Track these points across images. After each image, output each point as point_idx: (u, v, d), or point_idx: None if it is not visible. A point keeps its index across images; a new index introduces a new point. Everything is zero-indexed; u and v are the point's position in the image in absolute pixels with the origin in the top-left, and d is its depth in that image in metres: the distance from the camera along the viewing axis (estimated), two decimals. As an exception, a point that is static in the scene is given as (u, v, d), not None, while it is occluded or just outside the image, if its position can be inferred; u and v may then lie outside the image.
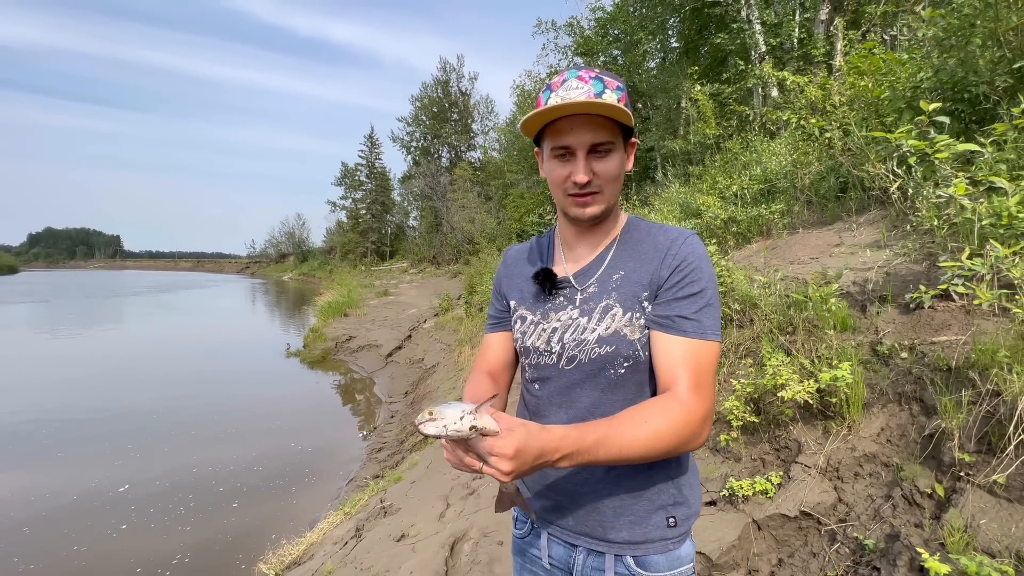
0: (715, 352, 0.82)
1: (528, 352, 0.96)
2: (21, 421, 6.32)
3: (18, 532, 3.77)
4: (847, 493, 1.82)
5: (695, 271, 0.84)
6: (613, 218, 0.94)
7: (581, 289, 0.91)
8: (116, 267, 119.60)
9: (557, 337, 0.91)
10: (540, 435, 0.66)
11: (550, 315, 0.92)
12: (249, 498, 4.37)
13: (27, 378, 8.68)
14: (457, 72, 34.66)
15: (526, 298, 0.98)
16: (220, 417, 6.56)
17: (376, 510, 3.37)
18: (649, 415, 0.75)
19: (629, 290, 0.86)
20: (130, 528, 3.80)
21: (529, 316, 0.96)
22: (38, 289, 32.31)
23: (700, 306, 0.83)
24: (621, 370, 0.86)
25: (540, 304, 0.95)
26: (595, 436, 0.70)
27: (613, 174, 0.85)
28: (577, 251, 0.95)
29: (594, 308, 0.88)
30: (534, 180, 19.79)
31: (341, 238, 39.25)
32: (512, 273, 1.05)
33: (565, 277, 0.94)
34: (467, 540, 2.49)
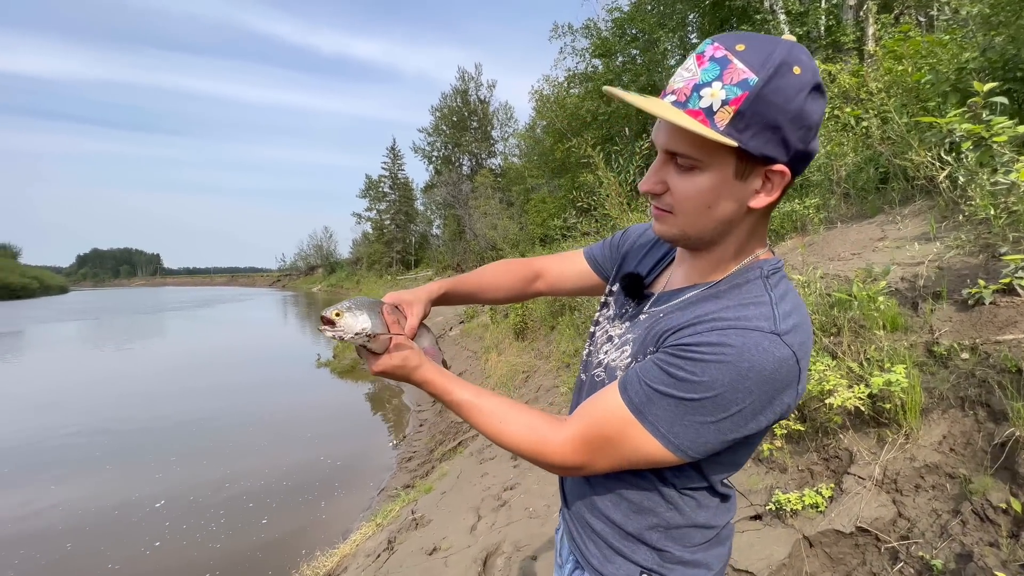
0: (643, 445, 0.61)
1: (591, 340, 0.88)
2: (77, 432, 6.64)
3: (61, 547, 3.88)
4: (908, 507, 1.69)
5: (696, 364, 0.57)
6: (723, 257, 0.68)
7: (644, 312, 0.76)
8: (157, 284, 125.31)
9: (607, 346, 0.83)
10: (411, 372, 0.75)
11: (615, 321, 0.83)
12: (279, 512, 4.40)
13: (83, 392, 9.13)
14: (475, 80, 34.97)
15: (621, 288, 0.87)
16: (256, 428, 6.72)
17: (407, 522, 3.35)
18: (514, 418, 0.71)
19: (645, 337, 0.69)
20: (163, 545, 3.87)
21: (611, 308, 0.86)
22: (88, 308, 34.04)
23: (667, 391, 0.59)
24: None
25: (620, 302, 0.84)
26: (453, 398, 0.74)
27: (689, 197, 0.61)
28: (679, 271, 0.76)
29: (625, 335, 0.76)
30: (556, 184, 19.73)
31: (367, 249, 40.04)
32: (640, 247, 0.90)
33: (650, 292, 0.80)
34: (500, 554, 2.43)
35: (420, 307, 0.86)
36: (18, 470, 5.53)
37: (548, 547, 2.35)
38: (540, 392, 5.44)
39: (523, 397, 5.57)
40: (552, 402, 4.92)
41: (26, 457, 5.91)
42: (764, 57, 0.55)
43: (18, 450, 6.12)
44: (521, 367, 6.65)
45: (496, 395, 0.74)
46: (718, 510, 0.75)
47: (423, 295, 0.89)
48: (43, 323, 23.25)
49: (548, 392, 5.30)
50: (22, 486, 5.07)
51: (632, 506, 0.74)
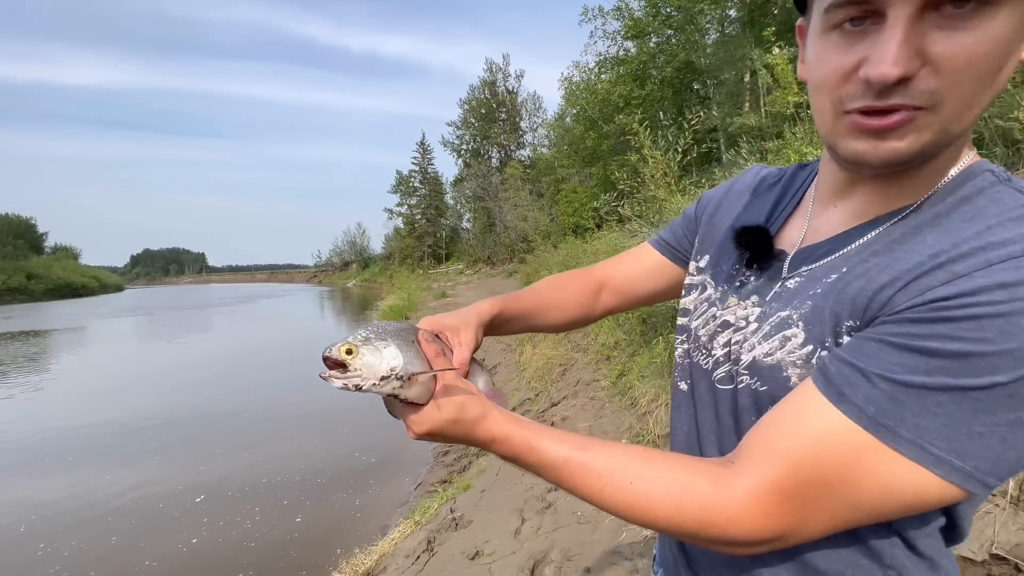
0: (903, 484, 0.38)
1: (688, 336, 0.65)
2: (135, 423, 6.91)
3: (106, 542, 3.93)
4: (1058, 531, 1.38)
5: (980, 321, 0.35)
6: (941, 164, 0.45)
7: (786, 277, 0.54)
8: (203, 281, 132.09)
9: (725, 336, 0.58)
10: (471, 427, 0.51)
11: (730, 299, 0.59)
12: (314, 507, 4.35)
13: (140, 383, 9.59)
14: (503, 71, 34.73)
15: (718, 261, 0.65)
16: (293, 421, 6.81)
17: (447, 521, 3.21)
18: (648, 475, 0.46)
19: (831, 305, 0.46)
20: (200, 543, 3.84)
21: (709, 290, 0.64)
22: (143, 304, 36.04)
23: (932, 381, 0.37)
24: None
25: (728, 277, 0.61)
26: (543, 459, 0.49)
27: (976, 59, 0.37)
28: (829, 212, 0.54)
29: (772, 315, 0.52)
30: (587, 173, 19.30)
31: (399, 243, 40.65)
32: (730, 205, 0.69)
33: (782, 251, 0.57)
34: (548, 563, 2.24)
35: (470, 333, 0.62)
36: (80, 458, 5.76)
37: (602, 558, 2.14)
38: (579, 386, 5.21)
39: (561, 392, 5.35)
40: (593, 396, 4.69)
41: (88, 445, 6.18)
42: None
43: (82, 438, 6.41)
44: (558, 360, 6.42)
45: (608, 443, 0.50)
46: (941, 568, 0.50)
47: (472, 318, 0.65)
48: (103, 319, 24.74)
49: (588, 387, 5.06)
50: (83, 475, 5.26)
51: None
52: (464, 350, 0.60)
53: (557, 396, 5.27)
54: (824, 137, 0.48)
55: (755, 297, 0.56)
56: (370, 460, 5.36)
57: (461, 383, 0.54)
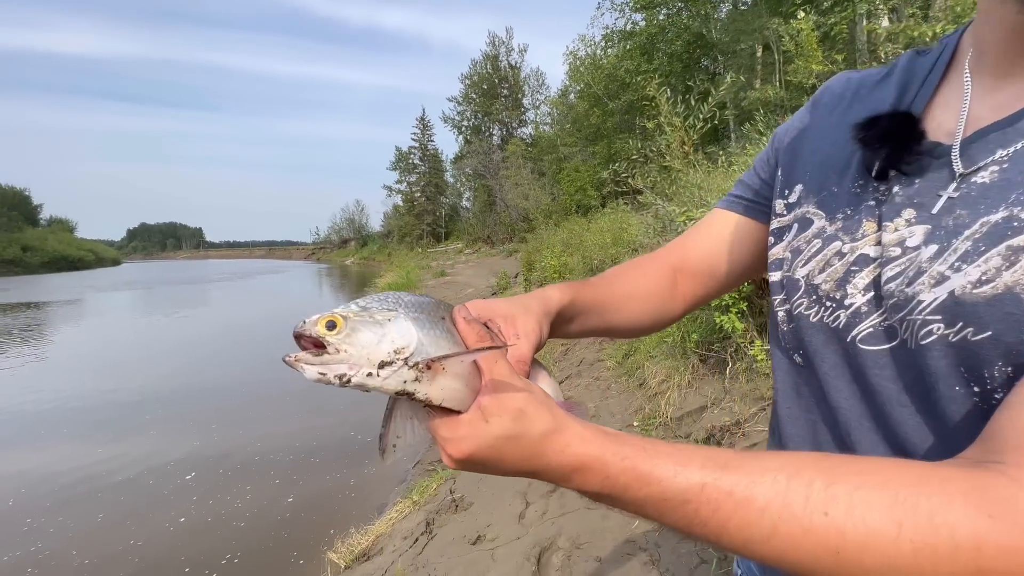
0: None
1: (794, 289, 0.48)
2: (132, 396, 6.82)
3: (93, 519, 3.80)
4: None
5: None
6: None
7: (962, 175, 0.38)
8: (200, 257, 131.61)
9: (868, 276, 0.42)
10: (540, 446, 0.34)
11: (864, 225, 0.43)
12: (308, 486, 4.20)
13: (137, 356, 9.53)
14: (507, 45, 33.85)
15: (825, 180, 0.48)
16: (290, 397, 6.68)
17: (446, 503, 3.09)
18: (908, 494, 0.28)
19: None
20: (187, 522, 3.72)
21: (819, 221, 0.47)
22: (140, 278, 35.81)
23: None
24: (997, 391, 0.34)
25: (851, 198, 0.45)
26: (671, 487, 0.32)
27: None
28: (1009, 80, 0.39)
29: (963, 228, 0.37)
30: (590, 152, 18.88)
31: (398, 221, 40.21)
32: (819, 123, 0.53)
33: (938, 144, 0.41)
34: (556, 551, 2.11)
35: (532, 323, 0.46)
36: (76, 431, 5.66)
37: (614, 547, 2.01)
38: (583, 366, 5.08)
39: (564, 372, 5.22)
40: (598, 376, 4.55)
41: (85, 418, 6.08)
42: None
43: (80, 411, 6.31)
44: (559, 340, 6.30)
45: (759, 454, 0.33)
46: None
47: (534, 305, 0.48)
48: (100, 292, 24.62)
49: (592, 367, 4.93)
50: (77, 448, 5.16)
51: None
52: (524, 344, 0.43)
53: (559, 375, 5.13)
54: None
55: (910, 212, 0.40)
56: (365, 438, 5.19)
57: (518, 380, 0.37)
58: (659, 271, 0.62)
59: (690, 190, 3.38)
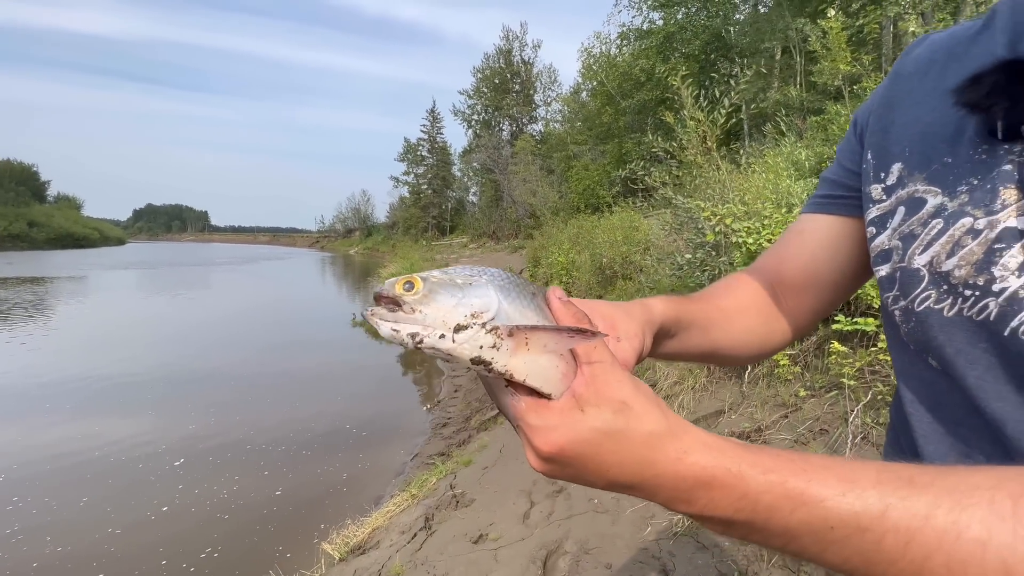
0: None
1: (913, 283, 0.40)
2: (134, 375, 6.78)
3: (76, 503, 3.70)
4: None
5: None
6: None
7: None
8: (205, 240, 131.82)
9: (1019, 255, 0.34)
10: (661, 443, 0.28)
11: (998, 196, 0.35)
12: (296, 481, 4.07)
13: (150, 337, 9.47)
14: (520, 40, 33.63)
15: (931, 152, 0.40)
16: (290, 385, 6.65)
17: (447, 498, 2.99)
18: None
19: None
20: (170, 511, 3.60)
21: (933, 198, 0.39)
22: (145, 259, 36.00)
23: None
24: None
25: (970, 168, 0.37)
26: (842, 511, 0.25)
27: None
28: None
29: None
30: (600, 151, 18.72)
31: (403, 213, 40.09)
32: (909, 92, 0.45)
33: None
34: (562, 554, 2.01)
35: (635, 327, 0.42)
36: (77, 408, 5.61)
37: (625, 554, 1.90)
38: (589, 365, 4.98)
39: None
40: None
41: (87, 395, 6.03)
42: None
43: (82, 388, 6.27)
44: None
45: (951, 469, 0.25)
46: None
47: (637, 311, 0.44)
48: (105, 270, 24.67)
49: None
50: (75, 426, 5.09)
51: None
52: (626, 347, 0.39)
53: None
54: None
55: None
56: (361, 433, 5.08)
57: (619, 372, 0.31)
58: (757, 286, 0.54)
59: (712, 187, 3.27)
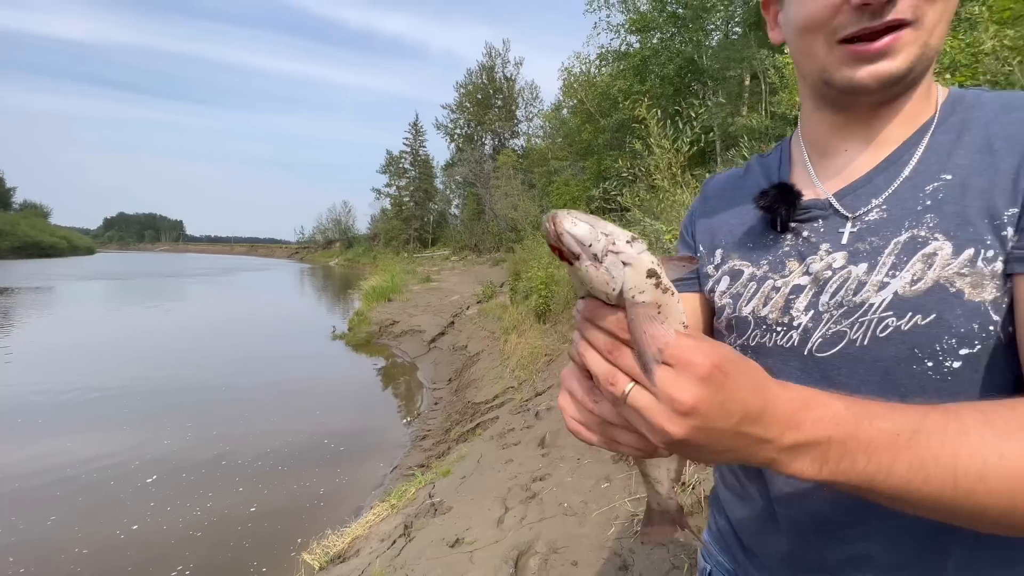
0: None
1: (745, 326, 0.57)
2: (107, 390, 6.62)
3: (44, 521, 3.63)
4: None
5: None
6: (924, 89, 0.50)
7: (853, 217, 0.51)
8: (179, 250, 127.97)
9: (805, 300, 0.52)
10: (764, 377, 0.34)
11: (787, 264, 0.54)
12: (272, 497, 4.05)
13: (110, 350, 9.17)
14: (503, 57, 34.27)
15: (740, 241, 0.60)
16: (268, 398, 6.58)
17: (425, 506, 3.10)
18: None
19: (965, 207, 0.45)
20: (141, 529, 3.56)
21: (748, 269, 0.58)
22: (115, 269, 34.60)
23: None
24: (953, 362, 0.44)
25: (767, 248, 0.57)
26: (891, 424, 0.33)
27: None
28: (841, 156, 0.54)
29: (882, 248, 0.48)
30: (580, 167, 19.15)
31: (385, 225, 39.99)
32: (714, 208, 0.67)
33: (818, 199, 0.54)
34: (533, 555, 2.15)
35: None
36: (47, 423, 5.49)
37: (590, 553, 2.06)
38: (565, 377, 5.14)
39: (546, 382, 5.27)
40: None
41: (56, 410, 5.88)
42: None
43: (50, 402, 6.11)
44: (543, 350, 6.34)
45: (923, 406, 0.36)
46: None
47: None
48: (71, 281, 23.84)
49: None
50: (47, 441, 4.99)
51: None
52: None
53: (542, 386, 5.19)
54: (816, 76, 0.50)
55: (825, 246, 0.52)
56: (339, 448, 5.07)
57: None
58: None
59: (677, 209, 3.51)
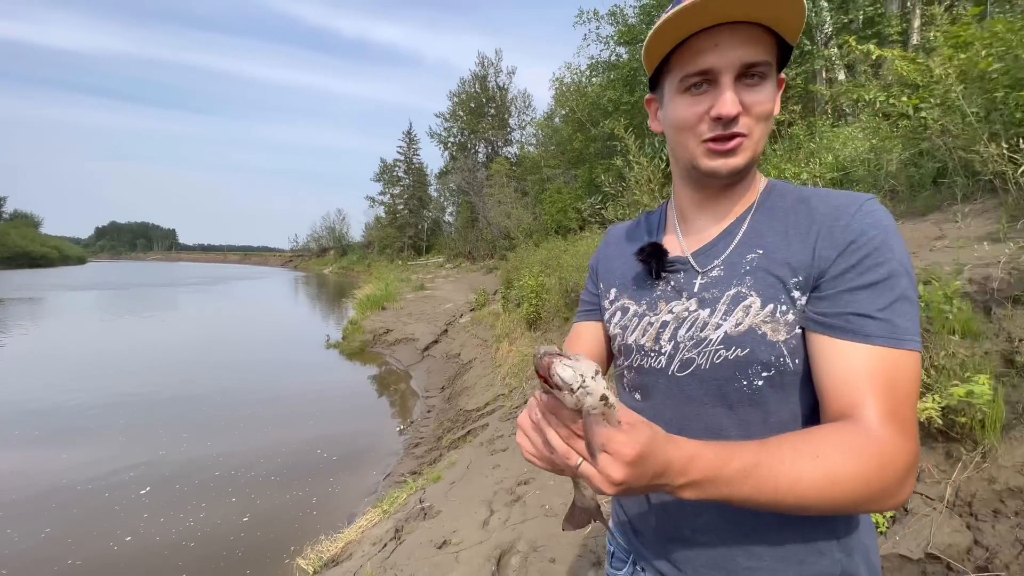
0: (915, 369, 0.56)
1: (629, 351, 0.75)
2: (102, 401, 6.65)
3: (38, 534, 3.67)
4: (986, 535, 1.50)
5: (880, 250, 0.58)
6: (751, 179, 0.70)
7: (702, 272, 0.69)
8: (172, 259, 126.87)
9: (669, 333, 0.69)
10: (667, 446, 0.48)
11: (659, 305, 0.72)
12: (264, 506, 4.10)
13: (102, 360, 9.16)
14: (495, 66, 34.53)
15: (628, 284, 0.79)
16: (263, 408, 6.63)
17: (415, 511, 3.22)
18: (821, 447, 0.51)
19: (770, 274, 0.63)
20: (134, 540, 3.60)
21: (632, 307, 0.76)
22: (107, 279, 34.22)
23: (890, 300, 0.56)
24: (758, 382, 0.62)
25: (646, 291, 0.75)
26: (741, 463, 0.49)
27: (766, 111, 0.63)
28: (698, 223, 0.73)
29: (719, 298, 0.66)
30: (572, 175, 19.41)
31: (379, 233, 40.01)
32: (612, 254, 0.86)
33: (680, 256, 0.73)
34: (515, 553, 2.29)
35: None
36: (44, 434, 5.54)
37: (567, 550, 2.20)
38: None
39: (536, 389, 5.40)
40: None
41: (52, 421, 5.94)
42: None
43: (46, 413, 6.16)
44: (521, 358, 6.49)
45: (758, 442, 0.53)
46: None
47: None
48: (61, 291, 23.67)
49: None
50: (44, 453, 5.03)
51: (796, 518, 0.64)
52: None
53: (531, 393, 5.33)
54: (687, 163, 0.68)
55: (684, 294, 0.70)
56: (331, 457, 5.14)
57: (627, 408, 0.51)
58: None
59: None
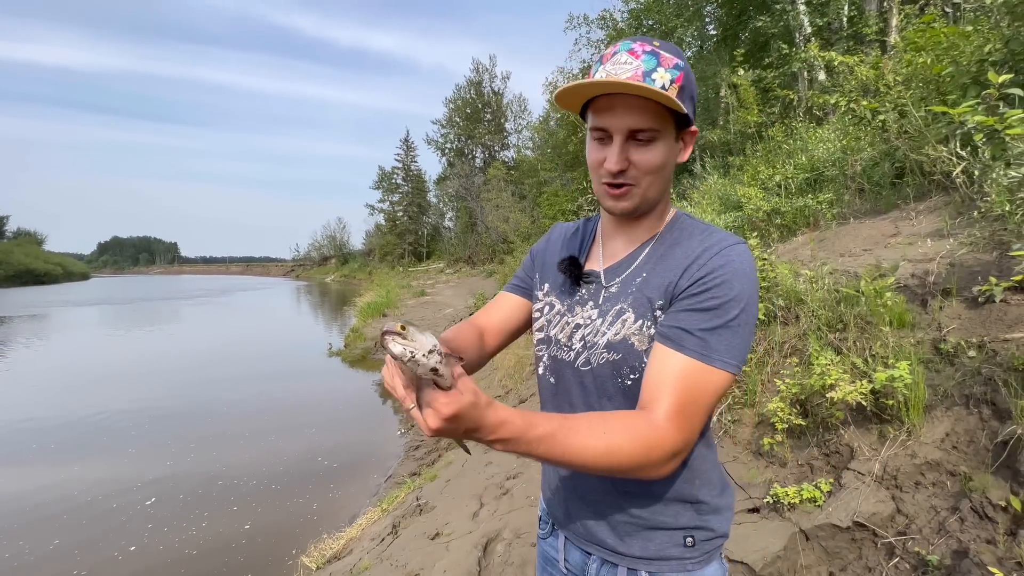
0: (717, 383, 0.69)
1: (550, 343, 0.91)
2: (113, 415, 6.84)
3: (47, 545, 3.77)
4: (907, 504, 1.68)
5: (720, 286, 0.70)
6: (658, 213, 0.83)
7: (606, 287, 0.84)
8: (175, 272, 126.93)
9: (579, 334, 0.85)
10: (484, 411, 0.59)
11: (576, 309, 0.86)
12: (266, 515, 4.19)
13: (111, 374, 9.40)
14: (490, 72, 34.84)
15: (556, 285, 0.92)
16: (269, 417, 6.75)
17: (412, 507, 3.41)
18: (611, 427, 0.65)
19: (645, 296, 0.78)
20: (138, 550, 3.68)
21: (557, 305, 0.90)
22: (112, 295, 34.34)
23: (713, 324, 0.69)
24: (628, 381, 0.78)
25: (568, 295, 0.89)
26: (541, 431, 0.62)
27: (653, 165, 0.75)
28: (614, 244, 0.87)
29: (609, 310, 0.81)
30: (568, 177, 19.64)
31: (379, 240, 40.31)
32: (552, 251, 0.97)
33: (594, 271, 0.87)
34: (500, 540, 2.47)
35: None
36: (55, 447, 5.71)
37: (547, 534, 2.38)
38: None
39: (530, 390, 5.61)
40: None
41: (67, 435, 6.10)
42: (674, 49, 0.75)
43: (61, 428, 6.34)
44: (529, 359, 6.66)
45: (565, 416, 0.66)
46: (713, 445, 0.86)
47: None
48: (68, 308, 23.91)
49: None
50: (55, 467, 5.20)
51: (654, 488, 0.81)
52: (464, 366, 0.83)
53: (526, 394, 5.53)
54: (596, 197, 0.81)
55: (592, 303, 0.84)
56: (332, 465, 5.26)
57: (468, 379, 0.62)
58: (473, 334, 0.92)
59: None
